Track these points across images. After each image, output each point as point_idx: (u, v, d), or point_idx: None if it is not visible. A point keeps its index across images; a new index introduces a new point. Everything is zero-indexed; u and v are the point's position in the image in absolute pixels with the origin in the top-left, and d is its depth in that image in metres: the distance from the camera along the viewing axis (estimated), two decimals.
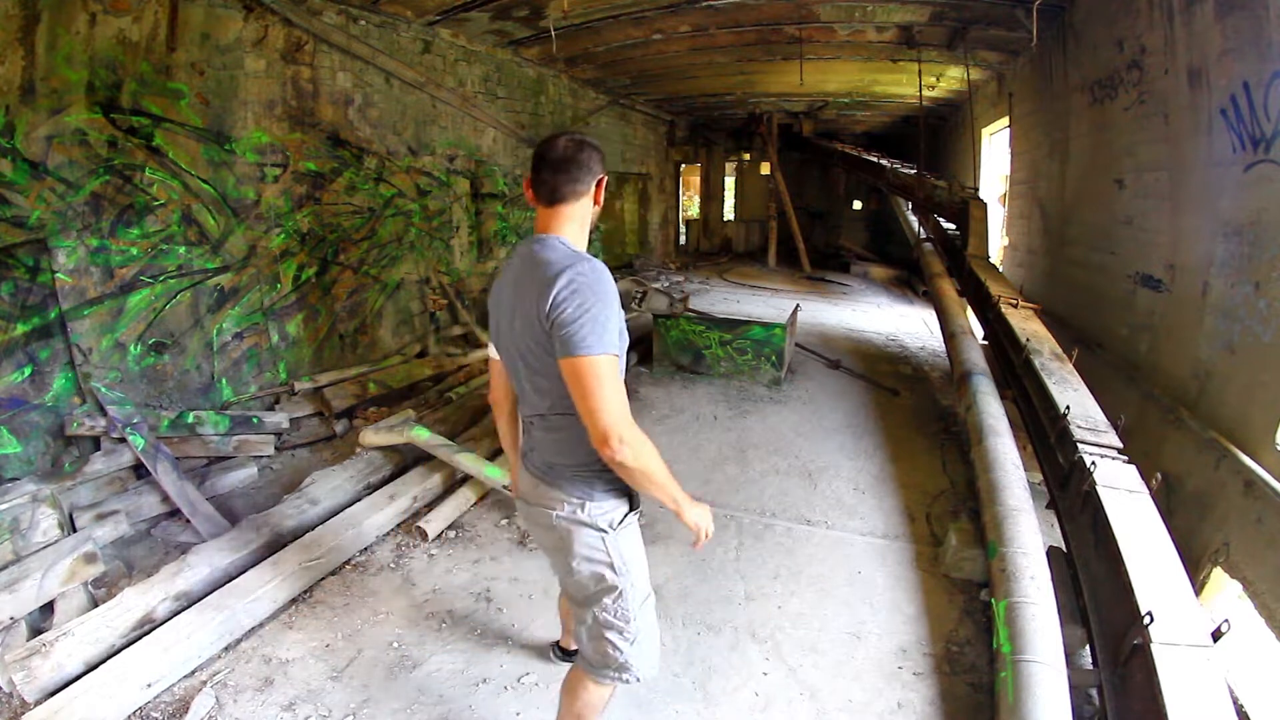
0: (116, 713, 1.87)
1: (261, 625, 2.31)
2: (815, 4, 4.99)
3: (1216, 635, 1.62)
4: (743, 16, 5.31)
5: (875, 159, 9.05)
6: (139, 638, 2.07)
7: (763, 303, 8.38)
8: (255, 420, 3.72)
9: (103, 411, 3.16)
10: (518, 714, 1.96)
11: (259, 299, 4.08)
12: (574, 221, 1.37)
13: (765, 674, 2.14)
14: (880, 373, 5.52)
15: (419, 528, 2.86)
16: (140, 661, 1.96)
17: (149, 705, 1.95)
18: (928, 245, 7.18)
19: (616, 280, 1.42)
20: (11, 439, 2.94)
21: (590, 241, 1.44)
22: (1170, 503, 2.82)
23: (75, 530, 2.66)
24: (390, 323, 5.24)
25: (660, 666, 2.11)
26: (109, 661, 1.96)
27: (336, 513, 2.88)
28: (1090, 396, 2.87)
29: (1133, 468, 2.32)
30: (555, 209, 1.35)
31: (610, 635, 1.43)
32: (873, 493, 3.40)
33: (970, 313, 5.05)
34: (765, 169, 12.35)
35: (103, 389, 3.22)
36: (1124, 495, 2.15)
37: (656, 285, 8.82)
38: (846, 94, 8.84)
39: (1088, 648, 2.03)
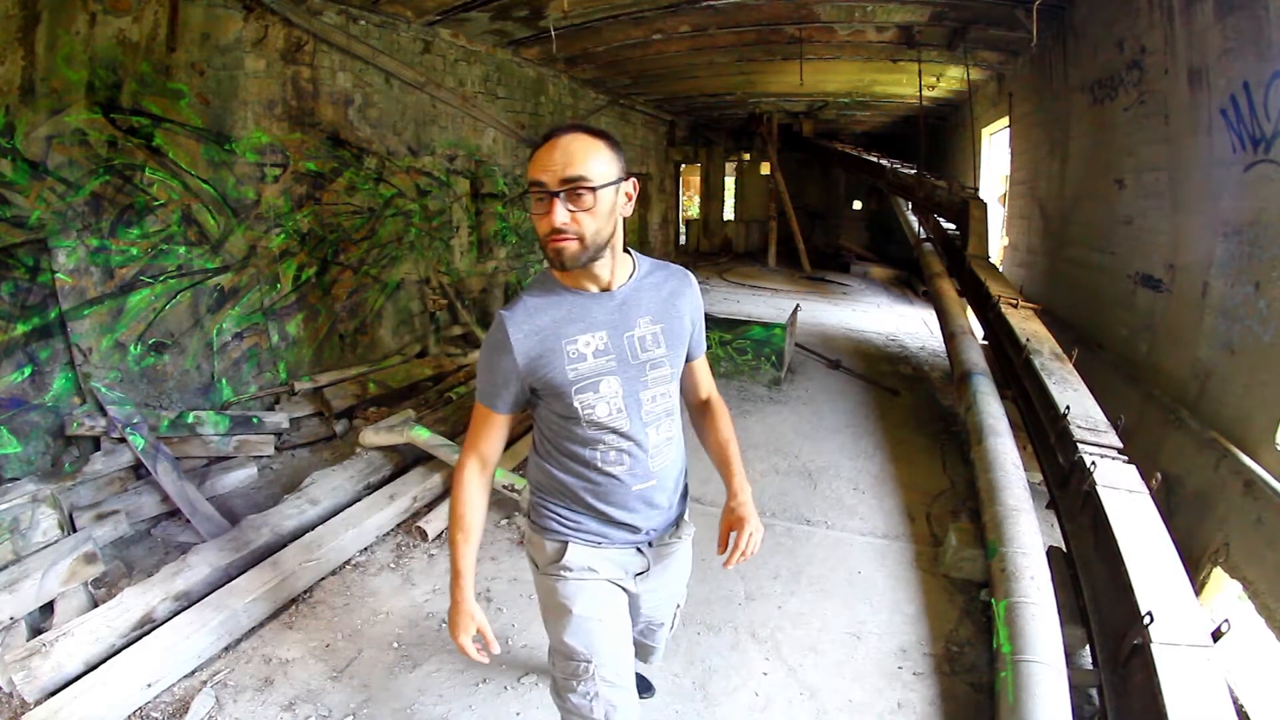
0: (116, 713, 1.87)
1: (261, 625, 2.31)
2: (815, 4, 4.99)
3: (1216, 635, 1.62)
4: (743, 16, 5.30)
5: (875, 159, 9.05)
6: (139, 638, 2.07)
7: (763, 303, 8.38)
8: (255, 420, 3.72)
9: (103, 411, 3.16)
10: (518, 714, 1.96)
11: (259, 299, 4.08)
12: None
13: (765, 674, 2.14)
14: (880, 373, 5.52)
15: (419, 528, 2.86)
16: (140, 661, 1.96)
17: (149, 705, 1.95)
18: (928, 245, 7.18)
19: None
20: (11, 439, 2.95)
21: None
22: (1170, 503, 2.82)
23: (75, 530, 2.66)
24: (390, 323, 5.24)
25: (660, 667, 2.12)
26: (109, 661, 1.95)
27: (336, 513, 2.88)
28: (1090, 396, 2.87)
29: (1133, 468, 2.32)
30: None
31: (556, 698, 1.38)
32: (873, 493, 3.40)
33: (970, 313, 5.05)
34: (765, 169, 12.34)
35: (103, 389, 3.22)
36: (1124, 495, 2.15)
37: None
38: (846, 94, 8.83)
39: (1088, 648, 2.03)
